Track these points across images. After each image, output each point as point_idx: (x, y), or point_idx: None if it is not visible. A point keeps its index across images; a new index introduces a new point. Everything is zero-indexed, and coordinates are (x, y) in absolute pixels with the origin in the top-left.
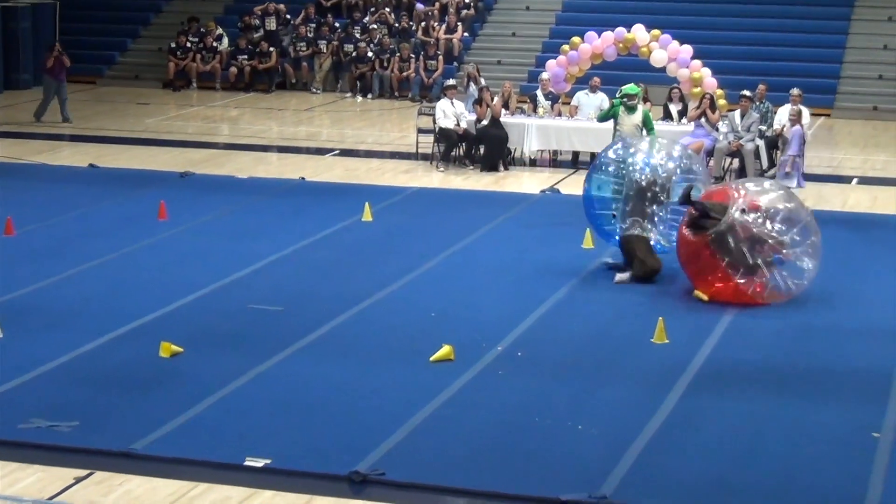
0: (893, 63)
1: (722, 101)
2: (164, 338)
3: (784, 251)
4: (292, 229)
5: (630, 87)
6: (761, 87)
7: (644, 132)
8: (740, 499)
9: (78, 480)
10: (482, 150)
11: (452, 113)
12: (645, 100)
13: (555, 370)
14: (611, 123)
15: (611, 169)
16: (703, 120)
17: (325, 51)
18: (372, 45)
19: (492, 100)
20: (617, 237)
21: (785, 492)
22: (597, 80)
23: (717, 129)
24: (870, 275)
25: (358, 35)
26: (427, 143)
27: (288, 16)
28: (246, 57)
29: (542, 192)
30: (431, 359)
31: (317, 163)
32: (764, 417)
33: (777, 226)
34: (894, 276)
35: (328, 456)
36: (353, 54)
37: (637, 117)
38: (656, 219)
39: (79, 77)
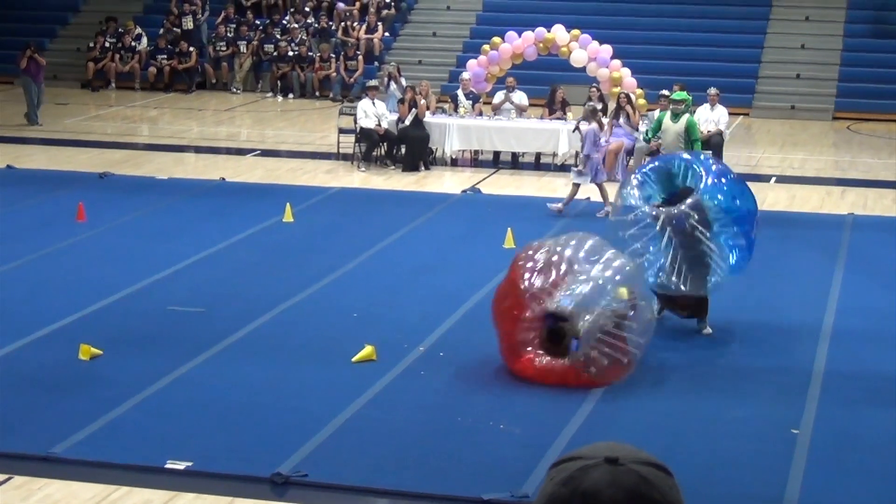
0: (811, 62)
1: (641, 101)
2: (84, 340)
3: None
4: (213, 230)
5: (678, 93)
6: (676, 87)
7: (685, 142)
8: None
9: None
10: (403, 150)
11: (373, 113)
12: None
13: (476, 370)
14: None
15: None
16: (622, 120)
17: (244, 51)
18: (292, 45)
19: (416, 102)
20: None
21: (704, 489)
22: (511, 80)
23: (637, 130)
24: (788, 273)
25: (278, 35)
26: (348, 144)
27: (199, 16)
28: (165, 57)
29: (464, 191)
30: (354, 359)
31: (237, 163)
32: (683, 415)
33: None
34: (812, 274)
35: (250, 458)
36: (274, 54)
37: (680, 125)
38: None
39: None
